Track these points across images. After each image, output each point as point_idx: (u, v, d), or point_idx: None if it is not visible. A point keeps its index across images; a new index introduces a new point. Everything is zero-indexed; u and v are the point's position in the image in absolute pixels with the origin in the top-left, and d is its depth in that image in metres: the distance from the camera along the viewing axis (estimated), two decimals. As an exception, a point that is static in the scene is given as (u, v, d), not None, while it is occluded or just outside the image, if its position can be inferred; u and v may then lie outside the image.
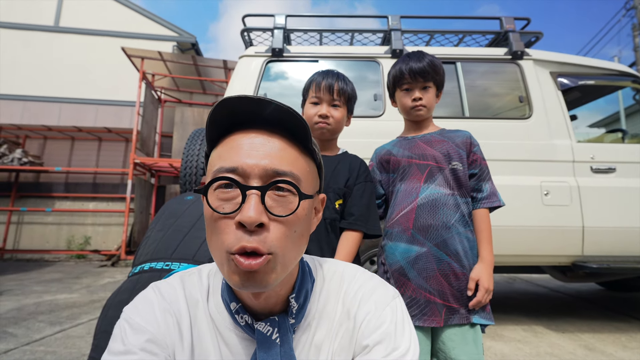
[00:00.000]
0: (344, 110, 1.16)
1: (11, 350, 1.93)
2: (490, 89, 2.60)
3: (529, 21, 2.66)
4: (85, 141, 7.08)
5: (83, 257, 6.31)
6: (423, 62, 1.14)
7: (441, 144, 1.16)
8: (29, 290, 3.51)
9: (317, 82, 1.14)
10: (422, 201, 1.10)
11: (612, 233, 2.22)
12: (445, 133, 1.19)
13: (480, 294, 1.02)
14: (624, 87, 2.74)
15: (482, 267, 1.06)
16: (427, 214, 1.09)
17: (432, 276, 1.05)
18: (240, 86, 2.42)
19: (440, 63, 1.18)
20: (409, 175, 1.15)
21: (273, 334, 0.48)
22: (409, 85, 1.17)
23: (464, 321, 1.01)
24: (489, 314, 1.05)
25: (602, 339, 2.24)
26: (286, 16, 2.58)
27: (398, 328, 0.50)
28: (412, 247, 1.09)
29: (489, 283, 1.03)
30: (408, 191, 1.14)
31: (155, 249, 1.05)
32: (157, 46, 6.99)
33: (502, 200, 1.15)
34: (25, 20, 7.68)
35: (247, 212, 0.41)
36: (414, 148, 1.18)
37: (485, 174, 1.16)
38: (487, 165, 1.17)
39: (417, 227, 1.09)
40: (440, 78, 1.18)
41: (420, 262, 1.07)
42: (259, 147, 0.45)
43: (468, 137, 1.18)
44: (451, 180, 1.11)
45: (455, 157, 1.13)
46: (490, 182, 1.16)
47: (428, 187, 1.11)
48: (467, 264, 1.06)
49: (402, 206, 1.14)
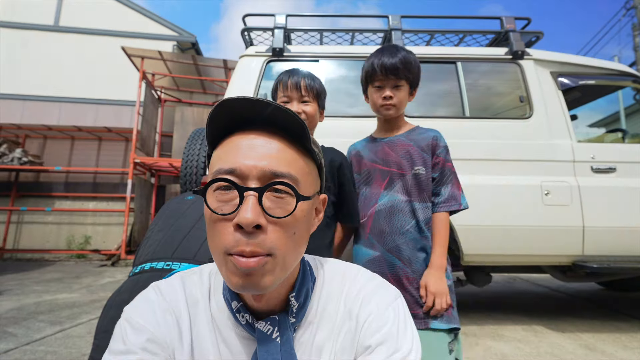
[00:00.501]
0: (315, 106, 1.16)
1: (11, 350, 1.93)
2: (491, 88, 2.59)
3: (530, 21, 2.66)
4: (85, 141, 7.08)
5: (83, 257, 6.31)
6: (396, 58, 1.10)
7: (405, 148, 1.14)
8: (29, 289, 3.51)
9: (283, 81, 1.15)
10: (380, 207, 1.12)
11: (613, 233, 2.22)
12: (413, 135, 1.17)
13: (429, 300, 1.01)
14: (624, 87, 2.74)
15: (429, 272, 1.05)
16: (383, 220, 1.11)
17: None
18: (241, 86, 2.42)
19: (416, 59, 1.14)
20: (372, 180, 1.17)
21: (273, 332, 0.48)
22: (381, 82, 1.14)
23: (422, 326, 1.00)
24: (452, 317, 1.02)
25: (603, 339, 2.24)
26: (287, 16, 2.58)
27: (400, 329, 0.50)
28: (368, 250, 1.12)
29: (436, 287, 1.02)
30: (369, 197, 1.17)
31: (156, 248, 1.05)
32: (157, 45, 6.98)
33: (464, 203, 1.12)
34: (25, 20, 7.68)
35: (244, 214, 0.41)
36: (378, 152, 1.18)
37: (446, 178, 1.12)
38: (452, 166, 1.14)
39: (373, 232, 1.12)
40: (414, 76, 1.14)
41: (374, 265, 1.09)
42: (258, 148, 0.45)
43: (434, 139, 1.14)
44: (411, 186, 1.10)
45: (419, 162, 1.11)
46: (452, 185, 1.12)
47: (387, 194, 1.12)
48: (419, 269, 1.06)
49: (364, 212, 1.17)
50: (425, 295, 1.02)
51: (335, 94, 2.48)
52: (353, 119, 2.38)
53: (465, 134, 2.32)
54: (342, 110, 2.49)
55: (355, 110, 2.52)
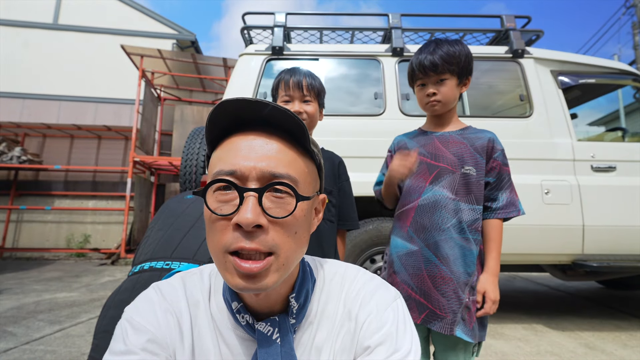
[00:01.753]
0: (316, 105, 1.17)
1: (11, 349, 1.93)
2: (491, 87, 2.59)
3: (530, 19, 2.65)
4: (84, 139, 7.07)
5: (83, 256, 6.31)
6: (434, 54, 1.07)
7: (458, 145, 1.10)
8: (29, 288, 3.51)
9: (285, 80, 1.14)
10: (424, 202, 1.08)
11: (613, 231, 2.22)
12: (467, 133, 1.12)
13: (488, 306, 0.99)
14: (624, 86, 2.74)
15: (487, 277, 1.02)
16: (425, 214, 1.07)
17: (418, 275, 1.04)
18: (240, 84, 2.41)
19: (462, 49, 1.08)
20: (417, 173, 1.12)
21: (273, 333, 0.48)
22: (422, 80, 1.11)
23: (447, 331, 0.98)
24: (472, 331, 1.00)
25: (603, 337, 2.25)
26: (286, 14, 2.57)
27: (400, 329, 0.50)
28: (406, 244, 1.09)
29: (495, 294, 1.00)
30: (413, 189, 1.12)
31: (155, 248, 1.05)
32: (157, 44, 6.97)
33: (522, 209, 1.09)
34: (24, 18, 7.66)
35: (244, 214, 0.41)
36: (428, 146, 1.13)
37: (505, 183, 1.09)
38: (509, 171, 1.10)
39: (413, 226, 1.09)
40: (458, 67, 1.08)
41: (410, 259, 1.07)
42: (257, 149, 0.45)
43: (490, 141, 1.10)
44: (459, 185, 1.07)
45: (470, 162, 1.07)
46: (510, 190, 1.09)
47: (432, 189, 1.08)
48: (457, 270, 1.02)
49: (405, 203, 1.14)
50: (480, 302, 1.01)
51: (335, 93, 2.48)
52: (353, 118, 2.38)
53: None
54: (342, 108, 2.48)
55: (355, 108, 2.52)
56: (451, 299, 1.00)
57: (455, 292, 1.00)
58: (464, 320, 0.99)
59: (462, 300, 1.00)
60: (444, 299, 1.00)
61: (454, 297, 1.00)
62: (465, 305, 1.00)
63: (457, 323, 0.99)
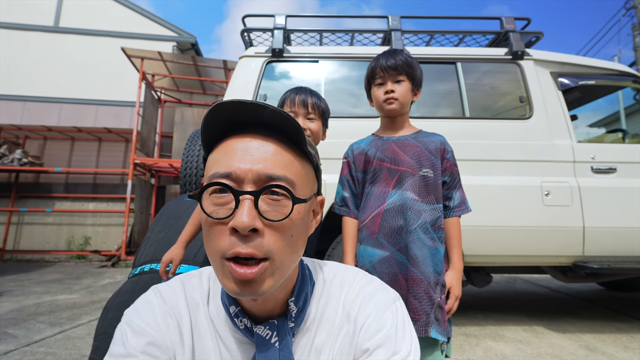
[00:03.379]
0: (320, 123, 1.20)
1: (11, 351, 1.93)
2: (491, 89, 2.59)
3: (529, 21, 2.66)
4: (85, 141, 7.09)
5: (83, 258, 6.31)
6: (396, 58, 1.13)
7: (414, 149, 1.14)
8: (29, 291, 3.51)
9: (291, 98, 1.18)
10: (389, 206, 1.10)
11: (613, 233, 2.21)
12: (420, 137, 1.17)
13: (451, 302, 1.03)
14: (624, 87, 2.73)
15: (454, 274, 1.07)
16: (392, 218, 1.09)
17: (395, 280, 1.04)
18: (240, 87, 2.42)
19: (416, 62, 1.16)
20: (379, 179, 1.15)
21: (272, 337, 0.48)
22: (382, 79, 1.15)
23: (421, 334, 0.99)
24: (445, 330, 1.02)
25: (603, 340, 2.24)
26: (286, 16, 2.58)
27: (399, 331, 0.50)
28: (377, 250, 1.10)
29: (460, 291, 1.05)
30: (377, 195, 1.14)
31: (156, 250, 1.05)
32: (157, 46, 6.99)
33: (469, 206, 1.16)
34: (25, 21, 7.68)
35: (240, 218, 0.41)
36: (386, 151, 1.16)
37: (457, 182, 1.16)
38: (459, 171, 1.17)
39: (382, 231, 1.10)
40: (415, 73, 1.14)
41: (383, 266, 1.07)
42: (253, 151, 0.45)
43: (442, 143, 1.16)
44: (419, 187, 1.11)
45: (427, 164, 1.12)
46: (460, 189, 1.16)
47: (396, 193, 1.11)
48: (426, 271, 1.04)
49: (370, 210, 1.14)
50: (440, 295, 1.04)
51: (335, 94, 2.48)
52: (353, 120, 2.38)
53: (465, 134, 2.32)
54: (342, 110, 2.49)
55: (355, 110, 2.52)
56: (423, 300, 1.01)
57: (426, 292, 1.01)
58: (437, 320, 1.01)
59: (434, 300, 1.01)
60: (416, 301, 1.01)
61: (426, 298, 1.01)
62: (438, 304, 1.02)
63: (431, 324, 1.00)
